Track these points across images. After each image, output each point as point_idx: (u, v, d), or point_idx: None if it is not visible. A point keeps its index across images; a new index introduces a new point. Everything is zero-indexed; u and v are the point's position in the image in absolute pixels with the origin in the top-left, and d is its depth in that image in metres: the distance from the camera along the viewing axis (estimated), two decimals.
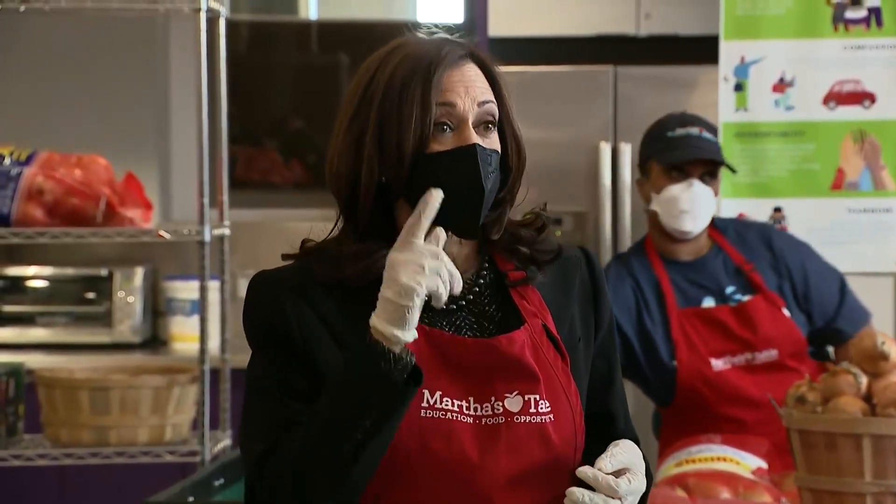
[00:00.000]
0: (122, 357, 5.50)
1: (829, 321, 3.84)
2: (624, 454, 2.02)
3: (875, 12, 4.38)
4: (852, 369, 2.86)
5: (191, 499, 3.06)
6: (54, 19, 5.74)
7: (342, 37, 6.32)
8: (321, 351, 2.02)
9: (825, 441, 2.77)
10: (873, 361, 2.86)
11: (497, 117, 2.05)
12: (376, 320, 1.93)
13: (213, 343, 4.35)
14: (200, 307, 3.96)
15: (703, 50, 4.98)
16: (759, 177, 4.44)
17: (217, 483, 3.27)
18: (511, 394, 2.02)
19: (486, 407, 2.02)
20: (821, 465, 2.79)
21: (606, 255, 5.48)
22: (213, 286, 4.62)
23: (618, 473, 2.00)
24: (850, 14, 4.38)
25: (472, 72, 2.04)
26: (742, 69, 4.42)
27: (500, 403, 2.02)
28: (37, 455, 3.91)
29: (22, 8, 3.93)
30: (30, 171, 3.99)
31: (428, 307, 2.01)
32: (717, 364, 3.72)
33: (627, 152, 5.50)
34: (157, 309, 5.93)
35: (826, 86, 4.34)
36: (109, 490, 5.26)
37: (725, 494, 3.10)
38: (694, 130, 3.78)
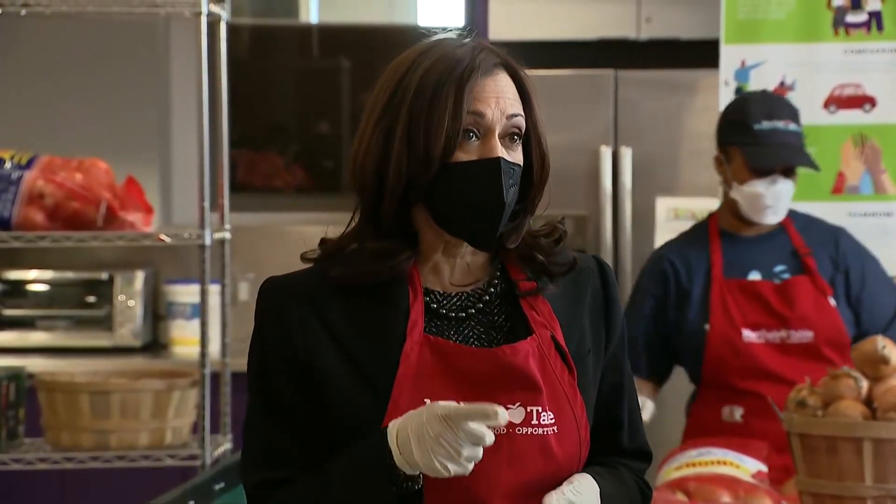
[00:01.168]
0: (122, 361, 5.50)
1: (879, 332, 3.84)
2: (576, 494, 2.01)
3: (875, 16, 4.37)
4: (853, 373, 2.86)
5: (191, 503, 3.05)
6: (55, 23, 5.74)
7: (343, 40, 6.32)
8: (321, 361, 2.02)
9: (826, 445, 2.77)
10: (874, 365, 2.86)
11: (524, 130, 2.04)
12: (398, 456, 1.93)
13: (214, 347, 4.35)
14: (201, 311, 3.96)
15: (703, 54, 4.98)
16: None
17: (217, 487, 3.27)
18: (513, 404, 2.00)
19: None
20: (821, 468, 2.78)
21: (607, 259, 5.48)
22: (214, 290, 4.62)
23: None
24: (851, 18, 4.38)
25: (504, 81, 2.03)
26: (743, 73, 4.41)
27: None
28: (37, 459, 3.91)
29: (23, 11, 3.93)
30: (30, 175, 3.99)
31: (433, 317, 2.03)
32: (750, 336, 3.74)
33: (628, 156, 5.50)
34: (158, 313, 5.93)
35: (826, 90, 4.33)
36: (110, 494, 5.25)
37: (726, 499, 3.10)
38: (780, 124, 3.78)
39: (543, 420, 2.01)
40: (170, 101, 6.16)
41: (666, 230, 5.40)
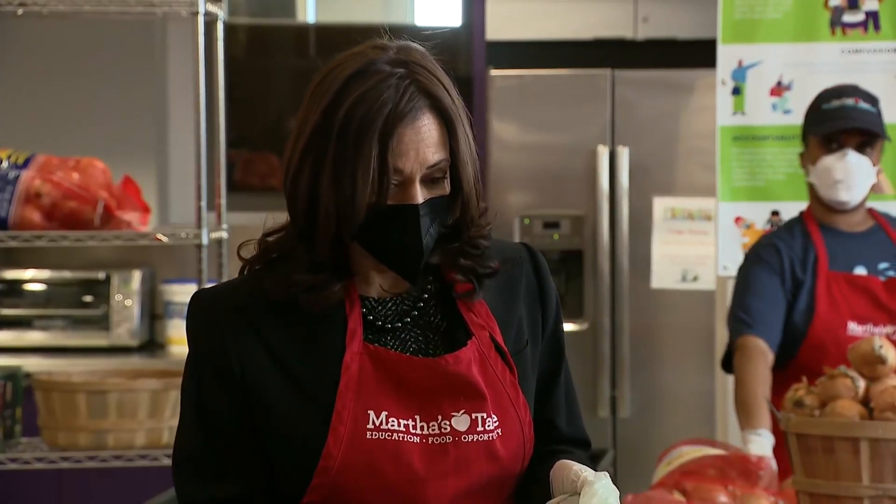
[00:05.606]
0: (119, 360, 5.49)
1: None
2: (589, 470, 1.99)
3: (873, 16, 4.38)
4: (850, 373, 2.86)
5: None
6: (52, 22, 5.74)
7: (340, 40, 6.30)
8: (261, 379, 2.01)
9: (823, 445, 2.77)
10: (871, 365, 2.87)
11: (446, 171, 2.02)
12: None
13: None
14: None
15: (700, 53, 4.99)
16: (757, 180, 4.44)
17: None
18: (458, 412, 2.01)
19: (433, 426, 2.01)
20: (818, 468, 2.79)
21: (604, 259, 5.49)
22: None
23: None
24: (848, 18, 4.38)
25: (427, 126, 2.00)
26: (740, 73, 4.42)
27: (448, 422, 2.01)
28: (34, 458, 3.91)
29: (20, 11, 3.93)
30: (27, 175, 3.99)
31: (371, 326, 2.03)
32: (855, 329, 3.73)
33: (625, 156, 5.50)
34: (155, 312, 5.93)
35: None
36: (107, 493, 5.25)
37: (723, 498, 3.10)
38: (849, 101, 3.77)
39: (488, 426, 2.02)
40: (167, 100, 6.16)
41: (663, 230, 5.41)
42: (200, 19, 3.91)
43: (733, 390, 3.72)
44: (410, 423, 2.00)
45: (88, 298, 5.77)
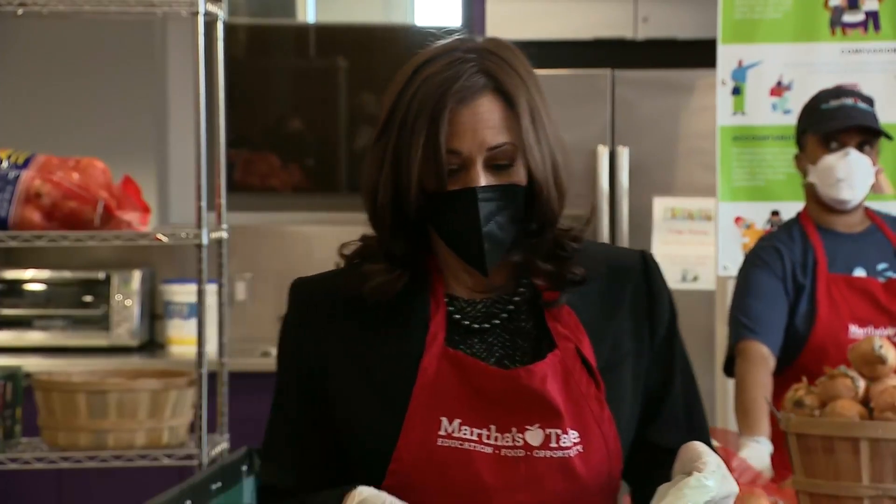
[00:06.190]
0: (119, 360, 5.50)
1: None
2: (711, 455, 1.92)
3: (872, 16, 4.38)
4: (850, 373, 2.86)
5: (188, 502, 3.05)
6: (52, 22, 5.74)
7: (340, 40, 6.32)
8: (338, 374, 2.00)
9: (823, 445, 2.77)
10: (871, 365, 2.87)
11: (514, 156, 1.97)
12: None
13: (211, 346, 4.34)
14: (198, 311, 3.96)
15: (700, 53, 4.99)
16: (757, 180, 4.44)
17: (214, 487, 3.26)
18: (532, 426, 1.96)
19: (507, 437, 1.96)
20: (818, 468, 2.78)
21: None
22: (211, 290, 4.61)
23: None
24: (848, 18, 4.38)
25: (485, 107, 1.96)
26: (740, 73, 4.42)
27: (521, 436, 1.95)
28: (34, 458, 3.91)
29: (20, 11, 3.93)
30: (27, 175, 3.99)
31: (458, 326, 2.00)
32: (857, 332, 3.72)
33: (625, 156, 5.50)
34: (155, 312, 5.93)
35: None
36: (107, 493, 5.25)
37: None
38: (848, 101, 3.77)
39: (564, 442, 1.95)
40: (167, 100, 6.16)
41: (663, 230, 5.41)
42: (200, 19, 3.91)
43: (734, 395, 3.71)
44: (484, 432, 1.96)
45: (88, 298, 5.77)
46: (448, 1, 6.29)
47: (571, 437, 1.96)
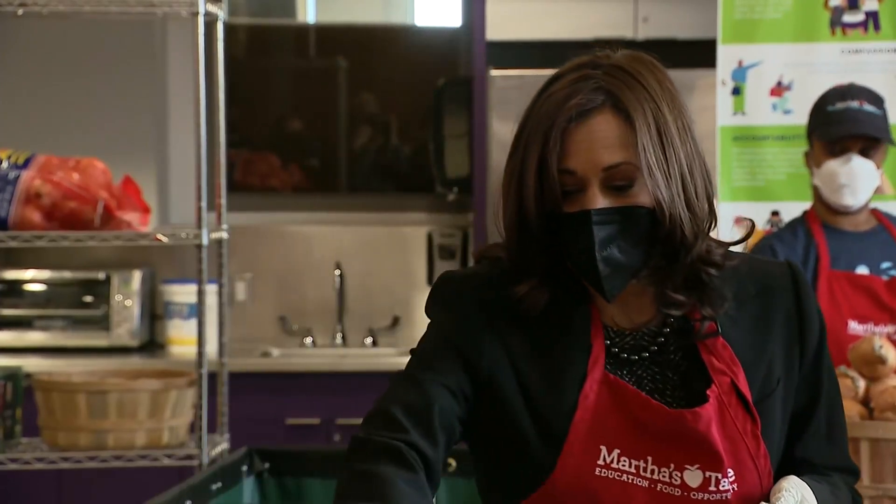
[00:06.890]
0: (119, 361, 5.49)
1: None
2: (791, 491, 1.90)
3: (873, 16, 4.38)
4: (850, 373, 2.86)
5: (188, 502, 3.05)
6: (52, 22, 5.74)
7: (340, 40, 6.31)
8: (502, 386, 1.93)
9: None
10: (871, 365, 2.87)
11: (634, 176, 1.87)
12: None
13: (211, 347, 4.34)
14: (198, 311, 3.95)
15: (700, 54, 4.98)
16: (757, 180, 4.44)
17: (214, 487, 3.26)
18: (692, 467, 1.90)
19: (664, 472, 1.90)
20: None
21: None
22: (211, 290, 4.61)
23: None
24: (848, 18, 4.38)
25: (600, 125, 1.88)
26: (740, 73, 4.42)
27: (679, 474, 1.90)
28: (34, 459, 3.91)
29: (20, 11, 3.93)
30: (27, 175, 3.99)
31: (609, 354, 1.93)
32: (856, 328, 3.72)
33: None
34: (155, 312, 5.93)
35: (823, 90, 4.33)
36: (107, 494, 5.25)
37: None
38: (854, 104, 3.78)
39: (723, 486, 1.90)
40: (167, 100, 6.16)
41: None
42: (200, 19, 3.91)
43: None
44: (641, 464, 1.90)
45: (88, 299, 5.77)
46: (448, 1, 6.29)
47: (729, 478, 1.91)
